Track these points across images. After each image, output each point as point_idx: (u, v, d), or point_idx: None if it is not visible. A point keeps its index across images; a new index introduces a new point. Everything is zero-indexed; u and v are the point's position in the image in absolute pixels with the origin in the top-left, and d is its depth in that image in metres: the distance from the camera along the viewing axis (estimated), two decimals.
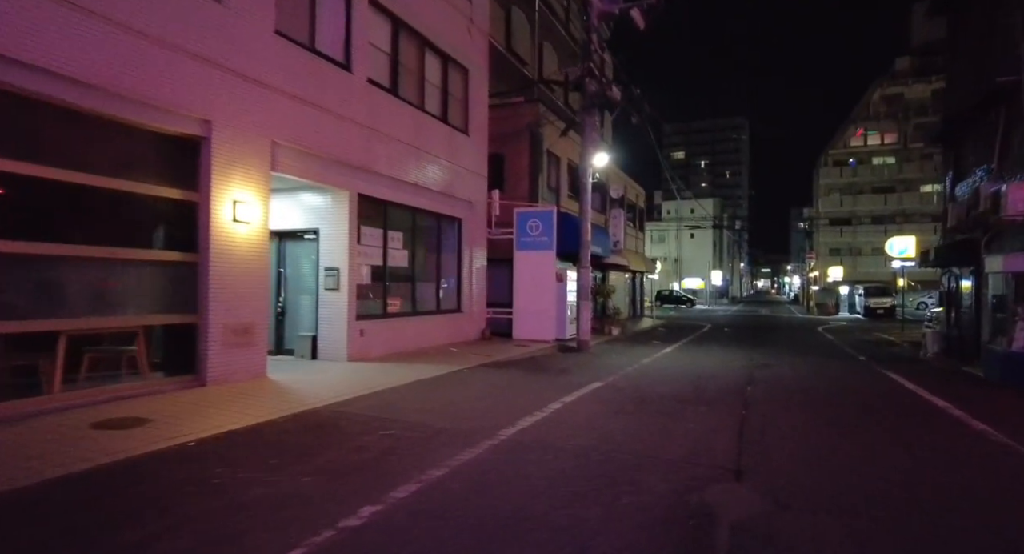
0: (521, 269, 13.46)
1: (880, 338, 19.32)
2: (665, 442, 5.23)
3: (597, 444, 5.03)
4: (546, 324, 13.26)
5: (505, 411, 6.22)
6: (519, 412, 6.14)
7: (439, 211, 11.70)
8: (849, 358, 13.32)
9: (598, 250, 17.33)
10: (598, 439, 5.20)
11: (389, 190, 10.03)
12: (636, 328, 21.07)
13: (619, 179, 23.32)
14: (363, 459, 4.43)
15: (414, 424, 5.53)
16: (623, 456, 4.68)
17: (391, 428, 5.33)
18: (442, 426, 5.48)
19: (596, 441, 5.13)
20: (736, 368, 10.84)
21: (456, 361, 9.71)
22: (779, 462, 4.68)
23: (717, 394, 7.86)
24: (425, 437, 5.08)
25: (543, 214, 13.35)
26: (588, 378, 8.91)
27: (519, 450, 4.74)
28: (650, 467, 4.42)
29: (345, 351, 8.94)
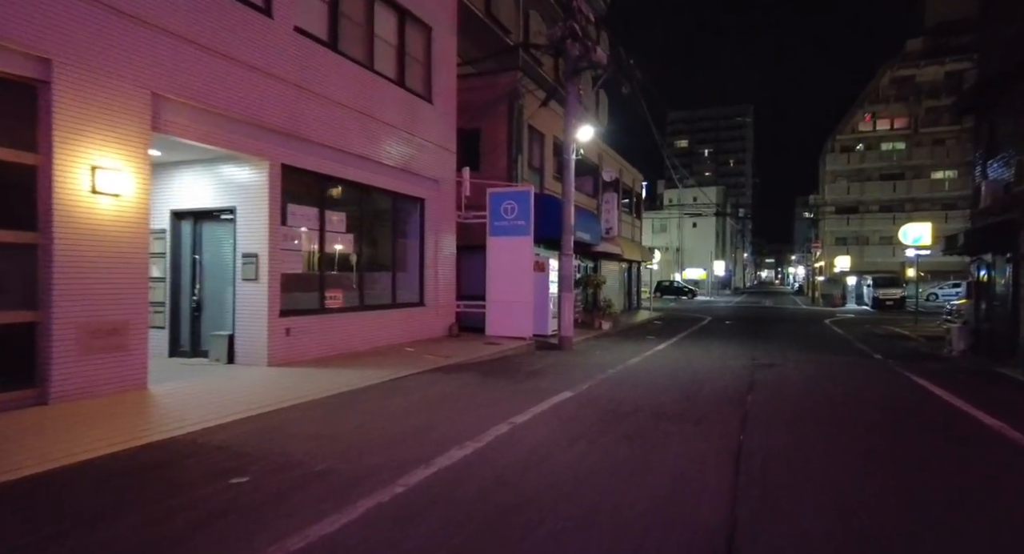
0: (495, 257, 11.95)
1: (892, 332, 17.82)
2: (631, 486, 3.75)
3: (533, 495, 3.55)
4: (523, 319, 11.78)
5: (429, 439, 4.74)
6: (446, 441, 4.66)
7: (395, 190, 10.17)
8: (862, 356, 11.81)
9: (586, 237, 15.80)
10: (537, 486, 3.72)
11: (327, 163, 8.51)
12: (630, 322, 19.58)
13: (613, 161, 21.72)
14: (171, 531, 2.95)
15: (291, 462, 4.05)
16: (562, 517, 3.20)
17: (250, 470, 3.86)
18: (327, 466, 4.00)
19: (533, 490, 3.65)
20: (735, 369, 9.35)
21: (406, 364, 8.24)
22: (792, 521, 3.20)
23: (710, 406, 6.38)
24: (289, 487, 3.60)
25: (519, 195, 11.82)
26: (559, 385, 7.44)
27: (412, 514, 3.26)
28: (597, 539, 2.95)
29: (265, 353, 7.47)
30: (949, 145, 47.02)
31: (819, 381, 8.45)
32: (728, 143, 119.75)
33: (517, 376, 8.18)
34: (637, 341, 14.14)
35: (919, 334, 16.59)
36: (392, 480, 3.74)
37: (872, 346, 13.67)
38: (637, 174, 26.15)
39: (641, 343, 13.55)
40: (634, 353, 11.43)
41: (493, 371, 8.53)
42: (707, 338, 14.99)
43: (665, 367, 9.52)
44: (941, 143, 47.32)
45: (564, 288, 12.18)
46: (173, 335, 8.12)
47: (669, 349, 12.42)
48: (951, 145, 46.92)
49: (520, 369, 8.83)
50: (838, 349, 13.05)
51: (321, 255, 8.57)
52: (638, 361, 10.25)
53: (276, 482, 3.68)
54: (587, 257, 19.31)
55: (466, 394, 6.72)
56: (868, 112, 50.14)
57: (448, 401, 6.31)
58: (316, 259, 8.50)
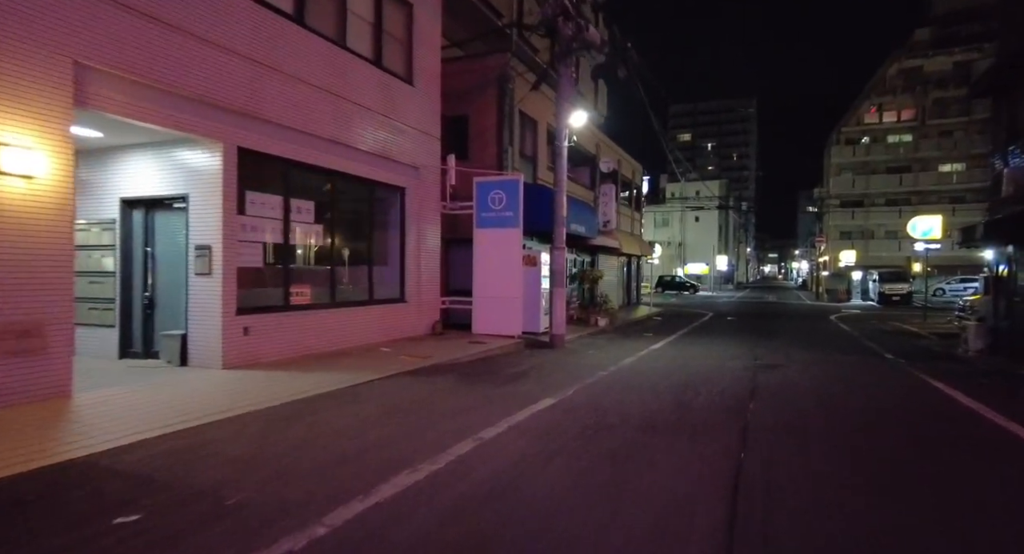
0: (482, 250, 11.25)
1: (901, 329, 17.10)
2: (605, 524, 3.07)
3: (491, 533, 2.88)
4: (511, 315, 11.09)
5: (376, 461, 4.07)
6: (396, 463, 3.99)
7: (372, 177, 9.47)
8: (872, 355, 11.10)
9: (581, 230, 15.09)
10: (495, 522, 3.04)
11: (292, 146, 7.81)
12: (629, 318, 18.89)
13: (612, 152, 20.96)
14: None
15: (200, 492, 3.38)
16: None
17: (146, 505, 3.18)
18: (242, 498, 3.33)
19: (491, 527, 2.97)
20: (736, 371, 8.66)
21: (377, 366, 7.56)
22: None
23: (706, 416, 5.69)
24: (184, 528, 2.93)
25: (507, 184, 11.10)
26: (542, 390, 6.76)
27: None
28: None
29: (220, 355, 6.79)
30: (957, 137, 46.04)
31: (828, 386, 7.75)
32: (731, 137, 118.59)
33: (498, 379, 7.50)
34: (634, 339, 13.45)
35: (929, 331, 15.87)
36: (316, 518, 3.07)
37: (881, 344, 12.95)
38: (637, 166, 25.38)
39: (638, 341, 12.86)
40: (629, 352, 10.74)
41: (473, 374, 7.85)
42: (707, 336, 14.30)
43: (660, 368, 8.84)
44: (949, 135, 46.36)
45: (556, 283, 11.49)
46: (124, 335, 7.46)
47: (667, 348, 11.73)
48: (959, 137, 45.94)
49: (503, 371, 8.15)
50: (845, 348, 12.34)
51: (286, 247, 7.88)
52: (632, 361, 9.56)
53: (172, 521, 3.00)
54: (584, 251, 18.61)
55: (435, 402, 6.04)
56: (874, 104, 49.15)
57: (412, 411, 5.63)
58: (280, 252, 7.81)
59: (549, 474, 3.89)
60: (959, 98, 45.35)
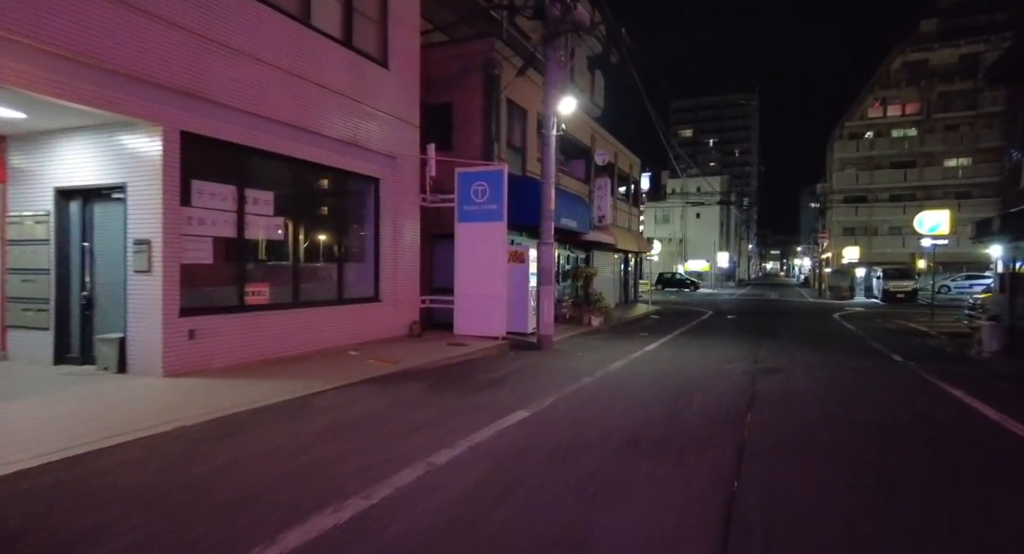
0: (464, 246, 10.57)
1: (908, 328, 16.40)
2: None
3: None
4: (495, 315, 10.41)
5: (301, 493, 3.39)
6: (324, 496, 3.32)
7: (340, 166, 8.78)
8: (880, 358, 10.41)
9: (572, 224, 14.41)
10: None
11: (247, 132, 7.12)
12: (624, 316, 18.21)
13: (607, 144, 20.24)
14: None
15: (65, 541, 2.72)
16: None
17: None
18: (114, 549, 2.67)
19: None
20: (734, 376, 7.99)
21: (338, 373, 6.89)
22: None
23: (698, 430, 5.02)
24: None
25: (491, 175, 10.41)
26: (517, 400, 6.09)
27: None
28: None
29: (160, 361, 6.13)
30: (963, 131, 45.21)
31: (834, 393, 7.06)
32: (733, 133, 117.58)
33: (470, 387, 6.83)
34: (628, 339, 12.78)
35: (938, 330, 15.18)
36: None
37: (888, 345, 12.26)
38: (635, 159, 24.65)
39: (632, 342, 12.19)
40: (621, 354, 10.07)
41: (444, 380, 7.18)
42: (705, 335, 13.62)
43: (652, 373, 8.16)
44: (955, 129, 45.52)
45: (543, 281, 10.81)
46: (60, 338, 6.79)
47: (662, 349, 11.05)
48: (965, 131, 45.10)
49: (479, 377, 7.47)
50: (851, 349, 11.65)
51: (241, 242, 7.20)
52: (623, 365, 8.88)
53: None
54: (578, 247, 17.92)
55: (392, 416, 5.37)
56: (878, 98, 48.31)
57: (363, 427, 4.95)
58: (234, 247, 7.14)
59: (501, 514, 3.21)
60: (966, 91, 44.54)
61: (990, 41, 43.98)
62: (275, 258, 7.83)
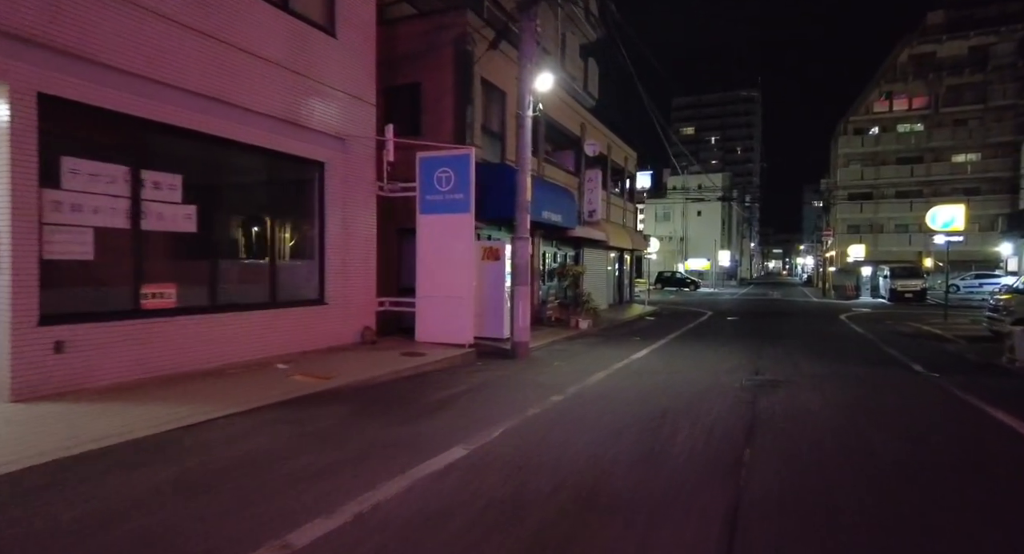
0: (426, 240, 9.34)
1: (922, 331, 15.14)
2: None
3: None
4: (461, 319, 9.17)
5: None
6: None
7: (275, 148, 7.54)
8: (898, 367, 9.17)
9: (557, 218, 13.17)
10: None
11: (140, 99, 5.87)
12: (618, 318, 16.98)
13: (599, 135, 18.99)
14: None
15: None
16: None
17: None
18: None
19: None
20: (731, 392, 6.75)
21: (252, 392, 5.67)
22: None
23: (679, 478, 3.78)
24: None
25: (456, 160, 9.16)
26: (459, 430, 4.86)
27: None
28: None
29: (8, 381, 4.90)
30: (972, 126, 43.81)
31: (851, 417, 5.81)
32: (735, 130, 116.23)
33: (408, 412, 5.59)
34: (617, 344, 11.56)
35: (955, 334, 13.92)
36: None
37: (904, 351, 11.01)
38: (631, 152, 23.39)
39: (620, 347, 10.96)
40: (605, 363, 8.85)
41: (379, 402, 5.95)
42: (703, 340, 12.37)
43: (636, 389, 6.92)
44: (963, 123, 44.11)
45: (518, 280, 9.58)
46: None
47: (652, 357, 9.82)
48: (974, 125, 43.70)
49: (424, 397, 6.24)
50: (864, 356, 10.40)
51: (137, 234, 5.97)
52: (603, 378, 7.65)
53: None
54: (566, 244, 16.68)
55: (282, 457, 4.13)
56: (884, 91, 46.91)
57: (233, 476, 3.72)
58: (125, 240, 5.91)
59: None
60: (975, 84, 43.14)
61: (1000, 33, 42.63)
62: (186, 254, 6.60)
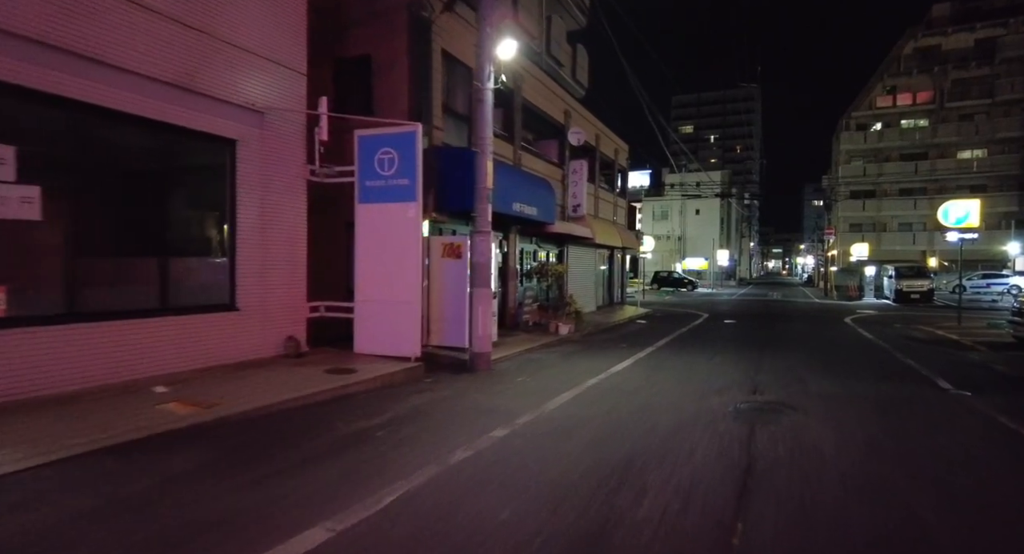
0: (366, 234, 7.94)
1: (936, 336, 13.78)
2: None
3: None
4: (406, 327, 7.77)
5: None
6: None
7: (164, 119, 6.14)
8: (921, 383, 7.80)
9: (532, 212, 11.78)
10: None
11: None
12: (606, 321, 15.60)
13: (585, 123, 17.60)
14: None
15: None
16: None
17: None
18: None
19: None
20: (721, 422, 5.37)
21: (94, 428, 4.28)
22: None
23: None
24: None
25: (400, 139, 7.76)
26: (337, 496, 3.45)
27: None
28: None
29: None
30: (979, 121, 42.43)
31: (881, 465, 4.42)
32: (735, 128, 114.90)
33: (288, 459, 4.20)
34: (598, 353, 10.21)
35: (974, 340, 12.56)
36: None
37: (924, 362, 9.65)
38: (622, 145, 22.00)
39: (601, 357, 9.61)
40: (577, 379, 7.50)
41: (260, 442, 4.56)
42: (694, 348, 11.00)
43: (602, 418, 5.54)
44: (970, 119, 42.72)
45: (477, 281, 8.21)
46: None
47: (633, 370, 8.46)
48: (981, 121, 42.30)
49: (326, 433, 4.85)
50: (879, 368, 9.03)
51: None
52: (568, 400, 6.27)
53: None
54: (549, 241, 15.29)
55: (42, 549, 2.76)
56: (888, 86, 45.52)
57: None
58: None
59: None
60: (982, 78, 41.74)
61: (1008, 25, 41.24)
62: (25, 248, 5.20)
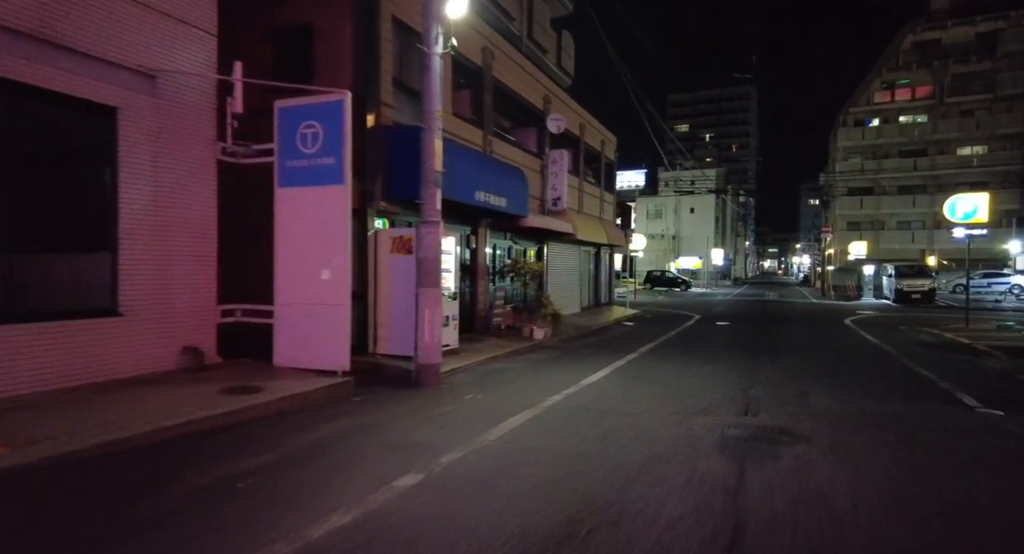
0: (287, 224, 6.72)
1: (946, 340, 12.65)
2: None
3: None
4: (334, 335, 6.53)
5: None
6: None
7: (17, 79, 4.93)
8: (942, 400, 6.64)
9: (500, 203, 10.58)
10: None
11: None
12: (589, 324, 14.41)
13: (568, 111, 16.40)
14: None
15: None
16: None
17: None
18: None
19: None
20: (702, 460, 4.15)
21: None
22: None
23: None
24: None
25: (325, 110, 6.52)
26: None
27: None
28: None
29: None
30: (979, 116, 41.39)
31: (914, 521, 3.25)
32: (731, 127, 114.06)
33: (77, 532, 2.99)
34: (572, 361, 9.03)
35: (987, 345, 11.40)
36: None
37: (938, 370, 8.51)
38: (609, 136, 20.81)
39: (574, 366, 8.42)
40: (538, 395, 6.31)
41: (66, 500, 3.35)
42: (681, 355, 9.82)
43: (553, 453, 4.34)
44: (970, 114, 41.69)
45: (423, 280, 7.01)
46: None
47: (607, 382, 7.27)
48: (982, 116, 41.27)
49: (170, 485, 3.61)
50: (891, 381, 7.87)
51: None
52: (516, 427, 5.06)
53: None
54: (527, 237, 14.07)
55: None
56: (886, 81, 44.46)
57: None
58: None
59: None
60: (983, 72, 40.70)
61: (1010, 18, 40.23)
62: None
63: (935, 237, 41.41)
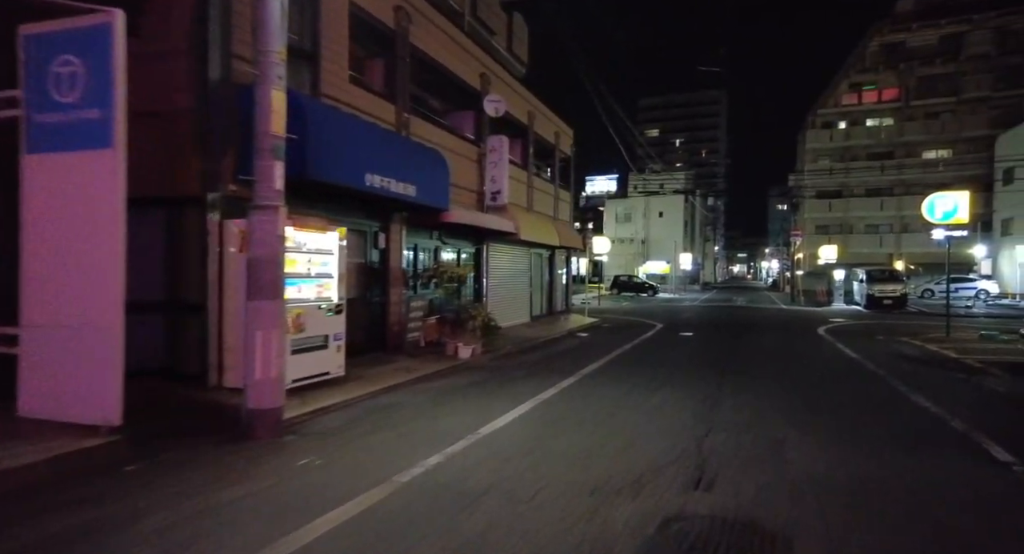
0: (40, 206, 4.61)
1: (930, 352, 11.17)
2: None
3: None
4: (100, 371, 4.42)
5: None
6: None
7: None
8: (961, 449, 4.87)
9: (409, 191, 8.54)
10: None
11: None
12: (536, 337, 12.50)
13: (513, 96, 14.51)
14: None
15: None
16: None
17: None
18: None
19: None
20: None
21: None
22: None
23: None
24: None
25: (87, 37, 4.42)
26: None
27: None
28: None
29: None
30: (944, 119, 41.10)
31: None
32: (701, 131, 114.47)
33: None
34: (491, 391, 7.07)
35: (977, 359, 9.88)
36: None
37: (939, 398, 6.82)
38: (565, 129, 19.02)
39: (490, 399, 6.47)
40: (404, 457, 4.31)
41: None
42: (632, 376, 7.94)
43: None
44: (935, 117, 41.36)
45: (255, 290, 4.96)
46: None
47: (522, 427, 5.33)
48: (947, 119, 40.98)
49: None
50: (886, 417, 6.13)
51: None
52: (327, 533, 3.03)
53: None
54: (458, 236, 12.08)
55: None
56: (853, 83, 43.99)
57: None
58: None
59: None
60: (947, 75, 40.42)
61: (973, 20, 40.06)
62: None
63: (903, 241, 40.93)
